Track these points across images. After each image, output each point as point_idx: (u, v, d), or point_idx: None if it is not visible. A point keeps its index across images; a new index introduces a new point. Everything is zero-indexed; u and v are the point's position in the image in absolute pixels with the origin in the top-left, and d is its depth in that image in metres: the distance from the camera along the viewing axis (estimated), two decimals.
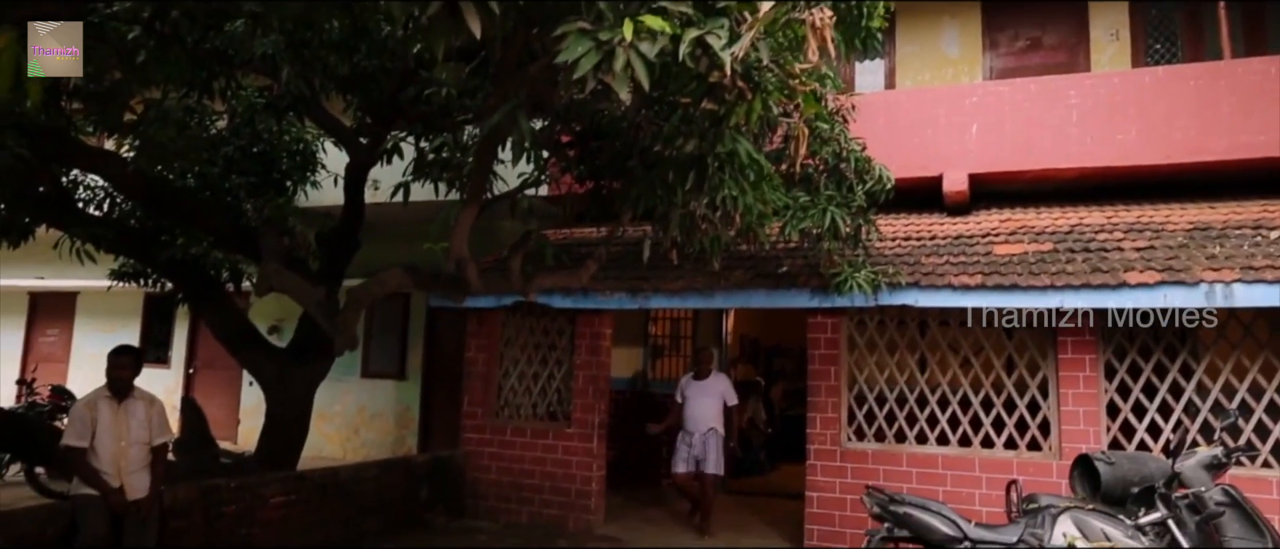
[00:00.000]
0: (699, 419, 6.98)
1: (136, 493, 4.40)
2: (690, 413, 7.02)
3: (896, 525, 4.29)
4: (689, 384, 7.18)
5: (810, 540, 6.53)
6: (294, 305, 8.66)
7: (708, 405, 7.02)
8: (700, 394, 7.06)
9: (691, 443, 6.97)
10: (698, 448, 6.92)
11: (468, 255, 4.47)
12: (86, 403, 4.41)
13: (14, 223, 7.62)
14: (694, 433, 6.97)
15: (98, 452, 4.31)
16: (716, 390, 7.12)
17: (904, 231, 7.35)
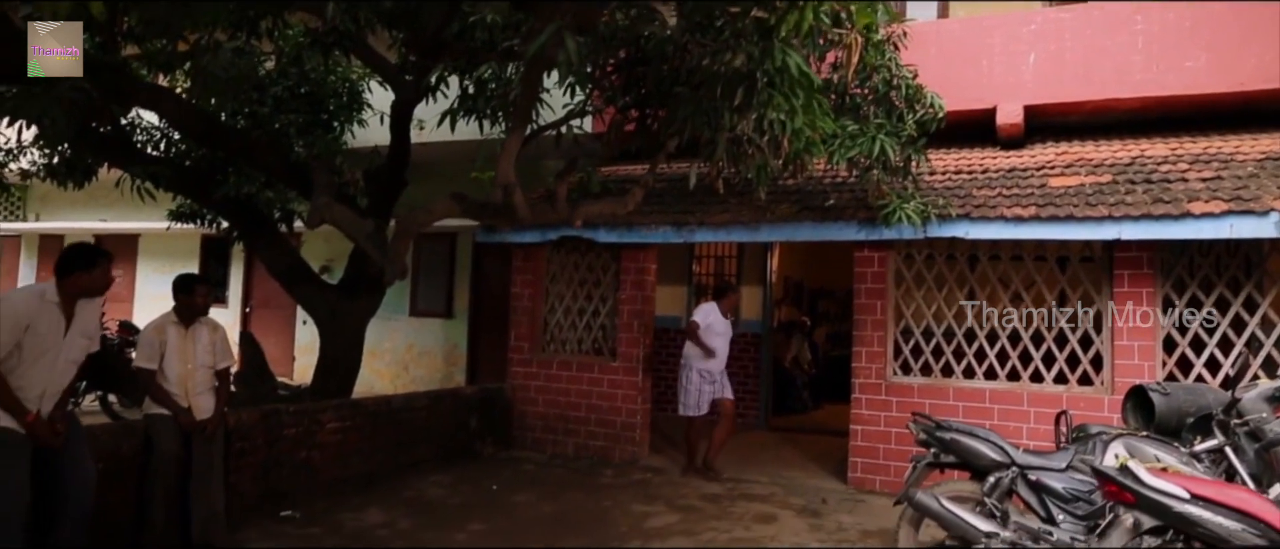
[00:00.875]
0: (723, 357, 6.83)
1: (203, 413, 4.59)
2: (719, 351, 6.78)
3: (942, 451, 4.29)
4: (719, 320, 6.86)
5: (854, 473, 6.57)
6: (343, 246, 8.87)
7: (727, 345, 6.92)
8: (728, 333, 6.91)
9: (714, 380, 6.78)
10: (718, 386, 6.80)
11: (515, 181, 4.50)
12: (155, 328, 4.58)
13: (79, 163, 7.92)
14: (716, 371, 6.77)
15: (166, 374, 4.48)
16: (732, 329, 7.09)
17: (954, 165, 7.18)
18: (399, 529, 5.16)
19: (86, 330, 3.86)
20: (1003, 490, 4.06)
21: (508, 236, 7.60)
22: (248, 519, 5.04)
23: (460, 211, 4.88)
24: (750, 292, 9.65)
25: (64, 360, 3.75)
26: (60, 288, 3.74)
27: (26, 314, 3.61)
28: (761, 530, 5.38)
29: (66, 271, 3.76)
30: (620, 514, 5.66)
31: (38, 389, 3.65)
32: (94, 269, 3.79)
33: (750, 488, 6.53)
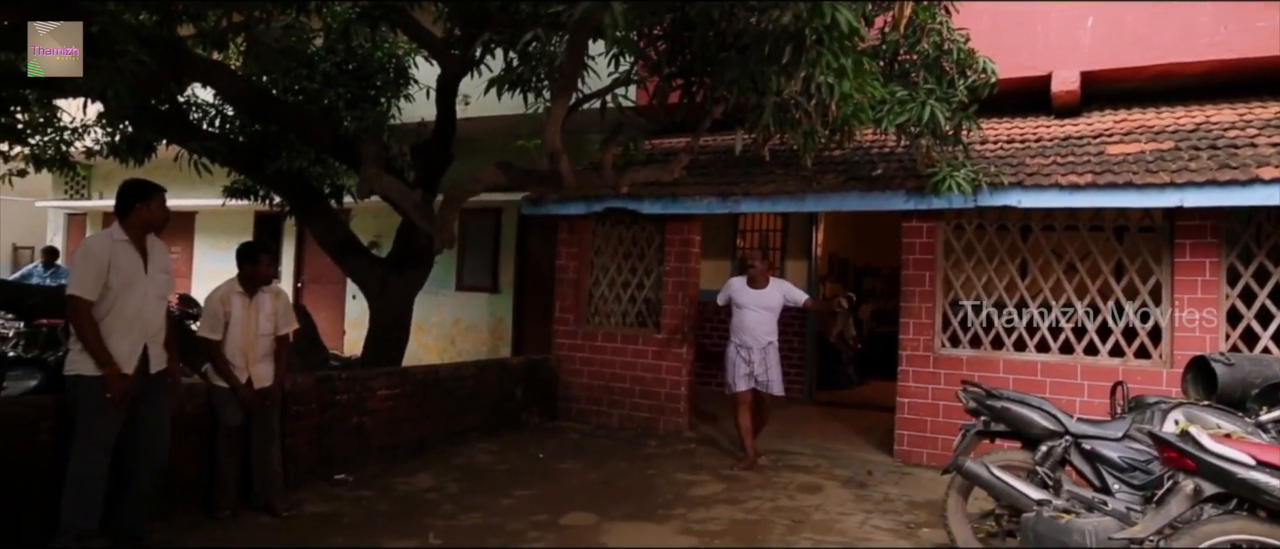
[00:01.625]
0: (757, 332, 6.12)
1: (262, 380, 4.72)
2: (747, 324, 6.15)
3: (993, 419, 4.22)
4: (742, 290, 6.23)
5: (900, 446, 6.50)
6: (391, 222, 9.01)
7: (767, 318, 6.16)
8: (758, 304, 6.18)
9: (751, 358, 6.14)
10: (759, 364, 6.12)
11: (561, 148, 4.51)
12: (219, 298, 4.69)
13: (139, 140, 8.17)
14: (753, 347, 6.14)
15: (228, 342, 4.61)
16: (775, 300, 6.20)
17: (1006, 134, 7.00)
18: (448, 493, 5.27)
19: (164, 265, 4.05)
20: (1056, 459, 3.99)
21: (553, 209, 7.65)
22: (303, 481, 5.19)
23: (506, 180, 4.92)
24: (795, 266, 9.58)
25: (153, 296, 3.94)
26: (125, 227, 3.91)
27: (105, 251, 3.79)
28: (806, 500, 5.37)
29: (126, 208, 3.93)
30: (665, 483, 5.69)
31: (138, 326, 3.84)
32: (151, 200, 3.95)
33: (795, 459, 6.51)
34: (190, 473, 4.53)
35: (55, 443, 3.92)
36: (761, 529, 4.72)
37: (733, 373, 6.20)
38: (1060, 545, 3.36)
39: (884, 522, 4.95)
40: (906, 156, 6.57)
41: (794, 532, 4.69)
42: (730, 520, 4.87)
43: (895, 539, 4.62)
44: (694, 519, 4.86)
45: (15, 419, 3.85)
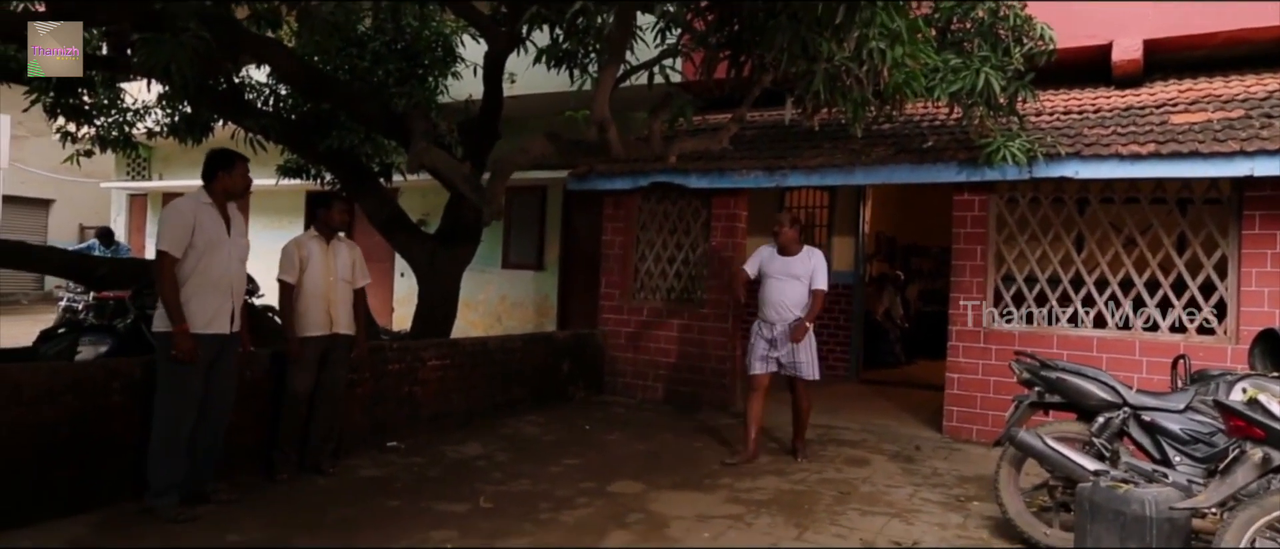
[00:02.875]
0: (781, 304, 5.39)
1: (343, 327, 4.85)
2: (770, 296, 5.44)
3: (1047, 391, 4.14)
4: (771, 259, 5.52)
5: (949, 422, 6.42)
6: (438, 200, 9.14)
7: (793, 289, 5.39)
8: (785, 273, 5.43)
9: (773, 335, 5.45)
10: (782, 344, 5.43)
11: (609, 116, 4.52)
12: (296, 243, 4.85)
13: (198, 120, 8.41)
14: (775, 322, 5.42)
15: (308, 287, 4.72)
16: (804, 269, 5.43)
17: (1063, 105, 6.81)
18: (497, 461, 5.37)
19: (244, 231, 4.26)
20: (1113, 431, 3.90)
21: (599, 184, 7.68)
22: (356, 448, 5.33)
23: (555, 151, 4.96)
24: (842, 242, 9.48)
25: (236, 260, 4.13)
26: (209, 191, 4.12)
27: (191, 211, 4.00)
28: (853, 473, 5.34)
29: (211, 175, 4.14)
30: (711, 455, 5.71)
31: (224, 287, 4.04)
32: (233, 169, 4.15)
33: (841, 434, 6.48)
34: (250, 437, 4.68)
35: (127, 403, 4.10)
36: (808, 500, 4.71)
37: (750, 352, 5.57)
38: (1118, 514, 3.30)
39: (933, 495, 4.91)
40: (958, 128, 6.44)
41: (841, 502, 4.68)
42: (776, 490, 4.87)
43: (945, 512, 4.57)
44: (740, 489, 4.87)
45: (91, 381, 4.03)
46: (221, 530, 3.85)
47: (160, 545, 3.62)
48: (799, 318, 5.38)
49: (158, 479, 3.93)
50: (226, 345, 4.14)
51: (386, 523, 4.06)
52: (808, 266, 5.46)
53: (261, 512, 4.15)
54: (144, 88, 8.91)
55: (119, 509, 3.98)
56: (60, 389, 3.87)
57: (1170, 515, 3.21)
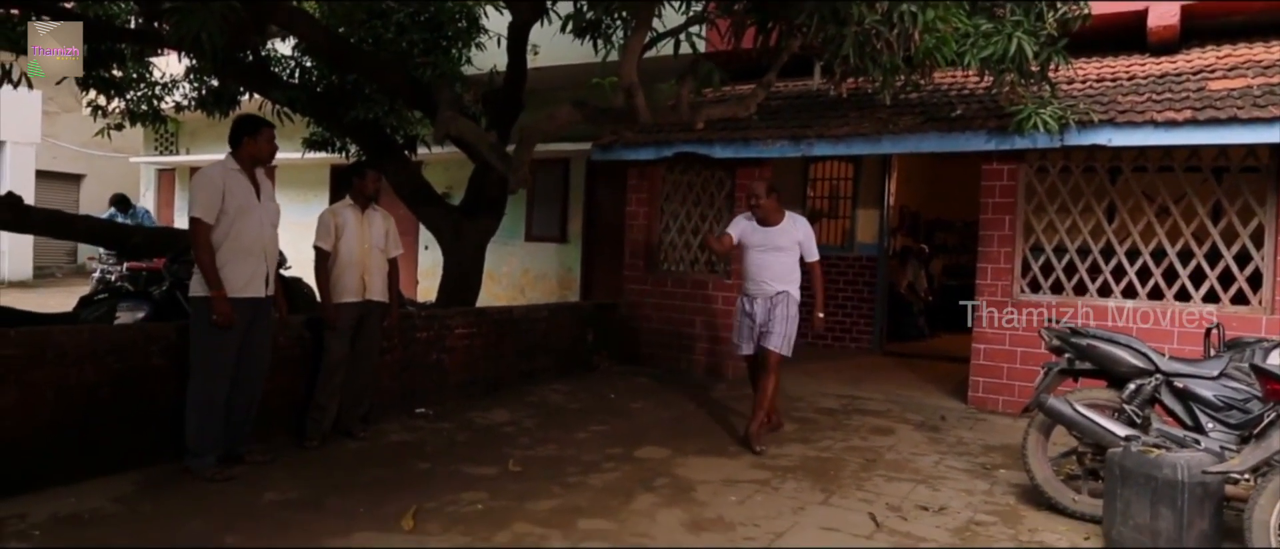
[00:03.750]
0: (764, 277, 5.07)
1: (378, 294, 4.92)
2: (753, 270, 5.13)
3: (1078, 357, 4.11)
4: (752, 231, 5.14)
5: (974, 392, 6.40)
6: (461, 174, 9.17)
7: (778, 260, 5.06)
8: (768, 245, 5.08)
9: (753, 310, 5.12)
10: (762, 317, 5.09)
11: (637, 82, 4.51)
12: (331, 211, 4.92)
13: (226, 92, 8.49)
14: (757, 296, 5.10)
15: (343, 255, 4.78)
16: (789, 239, 5.08)
17: (1096, 73, 6.69)
18: (524, 427, 5.43)
19: (273, 195, 4.33)
20: (1145, 398, 3.87)
21: (623, 154, 7.67)
22: (387, 413, 5.42)
23: (582, 118, 4.96)
24: (866, 215, 9.42)
25: (267, 224, 4.20)
26: (236, 158, 4.17)
27: (220, 177, 4.06)
28: (878, 441, 5.35)
29: (237, 140, 4.20)
30: (736, 422, 5.74)
31: (257, 252, 4.11)
32: (259, 135, 4.19)
33: (865, 404, 6.48)
34: (283, 401, 4.77)
35: (165, 366, 4.19)
36: (834, 466, 4.73)
37: (736, 331, 5.31)
38: (1149, 479, 3.29)
39: (959, 462, 4.91)
40: (987, 96, 6.35)
41: (867, 469, 4.69)
42: (802, 457, 4.90)
43: (971, 479, 4.58)
44: (766, 455, 4.89)
45: (132, 344, 4.12)
46: (258, 490, 3.94)
47: (201, 503, 3.71)
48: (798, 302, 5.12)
49: (195, 440, 4.03)
50: (261, 309, 4.21)
51: (418, 484, 4.14)
52: (793, 236, 5.09)
53: (296, 472, 4.24)
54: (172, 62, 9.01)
55: (160, 469, 4.08)
56: (102, 351, 3.97)
57: (1203, 480, 3.20)
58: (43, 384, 3.73)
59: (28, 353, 3.68)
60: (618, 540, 3.47)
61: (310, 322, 4.94)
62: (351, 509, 3.73)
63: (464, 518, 3.69)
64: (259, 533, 3.40)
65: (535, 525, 3.62)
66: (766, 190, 5.09)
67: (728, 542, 3.52)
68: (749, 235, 5.16)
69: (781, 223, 5.12)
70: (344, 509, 3.72)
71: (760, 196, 5.06)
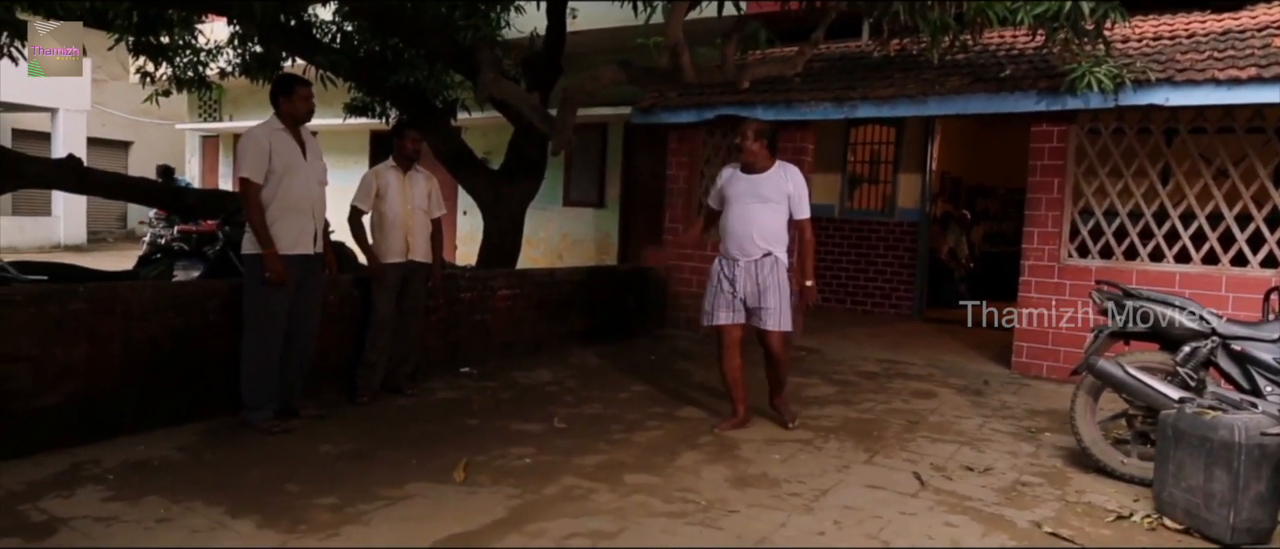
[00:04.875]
0: (748, 233, 4.29)
1: (421, 255, 4.99)
2: (733, 225, 4.34)
3: (1130, 320, 4.04)
4: (733, 179, 4.42)
5: (1018, 358, 6.34)
6: (499, 138, 9.22)
7: (762, 214, 4.28)
8: (752, 194, 4.31)
9: (734, 274, 4.37)
10: (746, 285, 4.33)
11: (682, 41, 4.48)
12: (373, 172, 4.98)
13: (269, 58, 8.60)
14: (738, 259, 4.34)
15: (387, 215, 4.86)
16: (777, 189, 4.30)
17: (1153, 31, 6.49)
18: (567, 387, 5.51)
19: (319, 152, 4.39)
20: (1199, 360, 3.81)
21: (663, 117, 7.63)
22: (432, 372, 5.53)
23: (626, 78, 4.95)
24: (908, 179, 9.29)
25: (314, 182, 4.27)
26: (279, 117, 4.24)
27: (265, 137, 4.13)
28: (920, 404, 5.34)
29: (275, 101, 4.27)
30: None
31: (305, 208, 4.19)
32: (293, 94, 4.24)
33: (906, 369, 6.45)
34: (332, 359, 4.88)
35: (222, 322, 4.31)
36: (877, 427, 4.74)
37: (709, 297, 4.51)
38: (1204, 441, 3.24)
39: (1003, 426, 4.88)
40: (1037, 56, 6.21)
41: (910, 430, 4.69)
42: (844, 418, 4.91)
43: (1016, 442, 4.55)
44: (808, 416, 4.91)
45: (191, 300, 4.25)
46: (314, 442, 4.06)
47: (260, 454, 3.84)
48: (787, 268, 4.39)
49: (251, 395, 4.15)
50: (311, 266, 4.30)
51: (466, 439, 4.23)
52: (781, 187, 4.30)
53: (348, 426, 4.36)
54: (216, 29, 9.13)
55: (220, 421, 4.23)
56: (164, 306, 4.10)
57: (1261, 441, 3.14)
58: (111, 337, 3.87)
59: (97, 307, 3.82)
60: (664, 495, 3.53)
61: (358, 280, 5.04)
62: (404, 461, 3.83)
63: (513, 471, 3.77)
64: (317, 482, 3.51)
65: (582, 479, 3.69)
66: (754, 133, 4.34)
67: (773, 498, 3.56)
68: (730, 184, 4.42)
69: (770, 170, 4.35)
70: (397, 461, 3.82)
71: (747, 139, 4.31)
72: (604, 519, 3.24)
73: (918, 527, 3.30)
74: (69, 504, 3.12)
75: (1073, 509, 3.55)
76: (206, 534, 2.95)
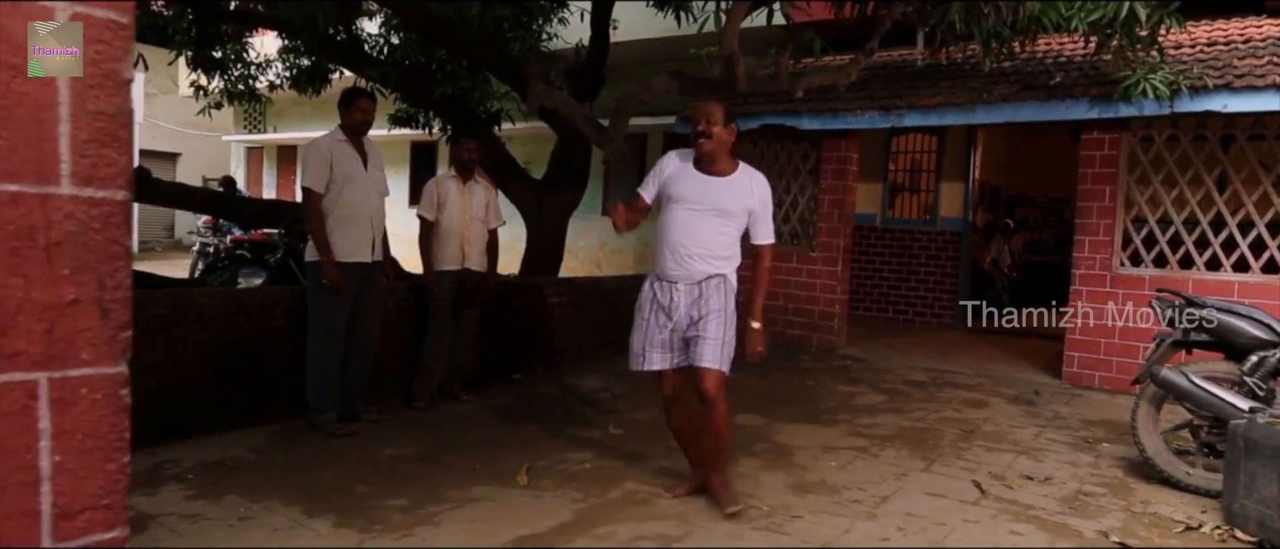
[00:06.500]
0: (692, 250, 3.26)
1: (476, 264, 5.08)
2: (674, 235, 3.29)
3: (1193, 329, 4.00)
4: (683, 174, 3.32)
5: (1069, 368, 6.27)
6: (539, 148, 9.32)
7: (718, 230, 3.29)
8: (706, 202, 3.26)
9: (671, 302, 3.31)
10: (687, 313, 3.29)
11: (738, 51, 4.53)
12: (435, 181, 5.10)
13: (319, 70, 8.82)
14: (678, 280, 3.30)
15: (444, 224, 4.96)
16: (739, 202, 3.30)
17: (1206, 37, 6.41)
18: (617, 393, 5.56)
19: (380, 163, 4.50)
20: (1268, 370, 3.76)
21: None
22: (485, 378, 5.60)
23: (678, 89, 5.01)
24: (951, 188, 9.23)
25: (373, 192, 4.38)
26: (342, 130, 4.37)
27: (327, 148, 4.26)
28: (973, 413, 5.31)
29: (340, 113, 4.38)
30: (825, 392, 5.77)
31: (365, 217, 4.29)
32: (350, 106, 4.36)
33: (954, 378, 6.42)
34: (390, 366, 4.98)
35: (288, 328, 4.43)
36: (931, 436, 4.73)
37: (638, 333, 3.41)
38: (1278, 451, 3.20)
39: (1059, 436, 4.84)
40: (1087, 63, 6.16)
41: (965, 440, 4.67)
42: (897, 427, 4.90)
43: (1073, 452, 4.51)
44: (860, 424, 4.91)
45: (257, 306, 4.38)
46: (378, 445, 4.15)
47: (327, 456, 3.94)
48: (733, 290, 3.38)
49: (316, 397, 4.26)
50: (370, 273, 4.40)
51: (525, 444, 4.29)
52: (745, 199, 3.30)
53: (409, 431, 4.45)
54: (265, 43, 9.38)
55: (286, 423, 4.34)
56: (233, 312, 4.23)
57: None
58: (184, 341, 4.00)
59: (172, 312, 3.95)
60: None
61: (415, 288, 5.14)
62: (468, 465, 3.90)
63: (575, 475, 3.82)
64: (385, 483, 3.59)
65: (643, 484, 3.73)
66: (724, 115, 3.27)
67: (834, 504, 3.57)
68: (677, 181, 3.31)
69: (733, 175, 3.32)
70: (461, 465, 3.90)
71: (715, 123, 3.22)
72: (669, 523, 3.28)
73: (982, 534, 3.30)
74: (155, 502, 3.23)
75: (1139, 520, 3.52)
76: (286, 533, 3.04)
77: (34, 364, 0.66)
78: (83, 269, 0.68)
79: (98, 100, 0.69)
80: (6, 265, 0.64)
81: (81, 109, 0.68)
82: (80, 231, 0.68)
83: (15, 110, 0.64)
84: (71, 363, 0.68)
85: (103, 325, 0.70)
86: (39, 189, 0.65)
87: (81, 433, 0.69)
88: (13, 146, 0.64)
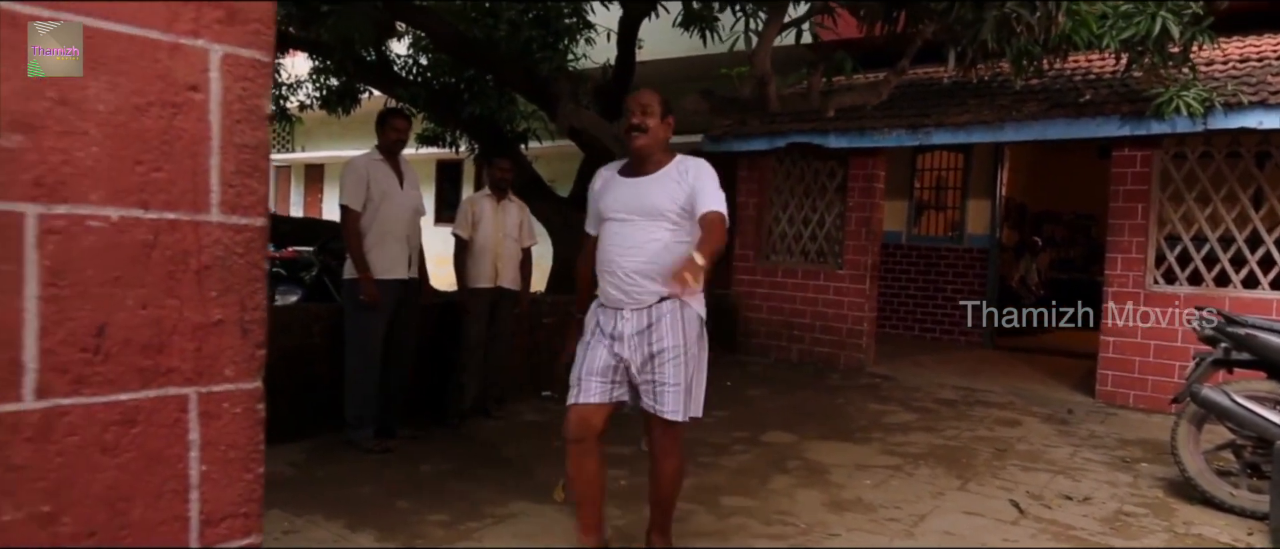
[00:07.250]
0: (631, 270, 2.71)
1: (509, 283, 5.14)
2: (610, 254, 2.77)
3: (1235, 347, 3.96)
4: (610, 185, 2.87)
5: (1103, 386, 6.21)
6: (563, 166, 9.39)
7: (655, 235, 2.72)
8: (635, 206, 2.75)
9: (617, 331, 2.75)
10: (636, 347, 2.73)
11: (770, 72, 4.58)
12: (470, 200, 5.18)
13: (349, 90, 8.97)
14: (623, 306, 2.75)
15: (478, 242, 5.03)
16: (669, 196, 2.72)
17: (1239, 53, 6.38)
18: None
19: (416, 182, 4.58)
20: None
21: (734, 146, 7.73)
22: (516, 396, 5.65)
23: (708, 107, 5.06)
24: (978, 206, 9.21)
25: (409, 210, 4.45)
26: (379, 149, 4.45)
27: (364, 167, 4.34)
28: (1006, 432, 5.28)
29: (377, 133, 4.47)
30: (855, 411, 5.75)
31: (401, 235, 4.36)
32: (384, 126, 4.45)
33: (985, 396, 6.37)
34: (423, 382, 5.03)
35: (325, 344, 4.50)
36: (965, 455, 4.70)
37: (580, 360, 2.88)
38: None
39: (1095, 455, 4.79)
40: (1118, 80, 6.15)
41: (1000, 458, 4.64)
42: (930, 445, 4.88)
43: (1111, 471, 4.47)
44: (892, 443, 4.90)
45: (296, 323, 4.45)
46: (414, 462, 4.20)
47: (366, 472, 3.99)
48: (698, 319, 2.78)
49: (354, 414, 4.32)
50: (406, 290, 4.47)
51: (558, 460, 4.25)
52: (674, 191, 2.72)
53: (444, 447, 4.49)
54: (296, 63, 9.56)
55: (323, 439, 4.39)
56: (273, 328, 4.27)
57: None
58: None
59: None
60: (763, 517, 3.56)
61: (448, 306, 5.20)
62: (504, 481, 3.93)
63: (610, 493, 3.81)
64: (425, 499, 3.63)
65: (680, 501, 3.73)
66: (662, 107, 2.80)
67: (871, 522, 3.56)
68: (606, 192, 2.87)
69: (663, 169, 2.77)
70: (497, 481, 3.93)
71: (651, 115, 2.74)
72: (708, 540, 3.29)
73: None
74: None
75: (1182, 540, 3.48)
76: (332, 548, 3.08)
77: (185, 380, 0.70)
78: (227, 291, 0.73)
79: (244, 134, 0.74)
80: (163, 288, 0.68)
81: (230, 142, 0.73)
82: (226, 256, 0.72)
83: (174, 145, 0.69)
84: (217, 379, 0.72)
85: (243, 343, 0.74)
86: (193, 217, 0.70)
87: (224, 444, 0.73)
88: (172, 179, 0.69)
